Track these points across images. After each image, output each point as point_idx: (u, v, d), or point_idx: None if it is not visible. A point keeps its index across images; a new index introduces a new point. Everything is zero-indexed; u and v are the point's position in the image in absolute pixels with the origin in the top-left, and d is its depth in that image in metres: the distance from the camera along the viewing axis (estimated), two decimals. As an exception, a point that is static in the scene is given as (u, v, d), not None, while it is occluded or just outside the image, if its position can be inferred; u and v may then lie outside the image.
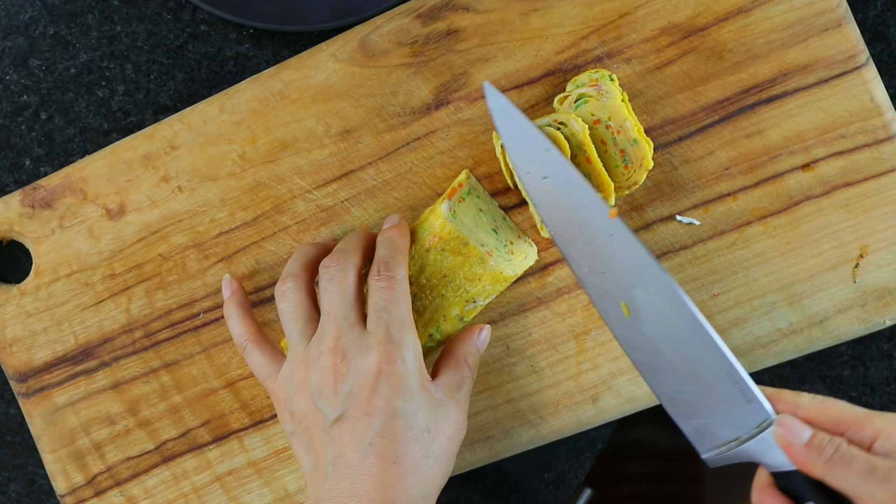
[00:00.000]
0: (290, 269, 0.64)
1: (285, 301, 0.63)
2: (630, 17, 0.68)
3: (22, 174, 0.77)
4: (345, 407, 0.59)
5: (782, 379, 0.74)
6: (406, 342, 0.60)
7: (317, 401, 0.60)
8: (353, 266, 0.62)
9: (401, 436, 0.59)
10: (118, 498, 0.73)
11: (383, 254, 0.63)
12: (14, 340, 0.73)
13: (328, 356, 0.60)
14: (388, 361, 0.59)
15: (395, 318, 0.61)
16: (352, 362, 0.59)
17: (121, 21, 0.77)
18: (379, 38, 0.70)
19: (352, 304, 0.61)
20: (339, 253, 0.63)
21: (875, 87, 0.67)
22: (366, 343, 0.60)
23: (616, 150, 0.67)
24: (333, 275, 0.62)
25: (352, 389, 0.59)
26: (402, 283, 0.62)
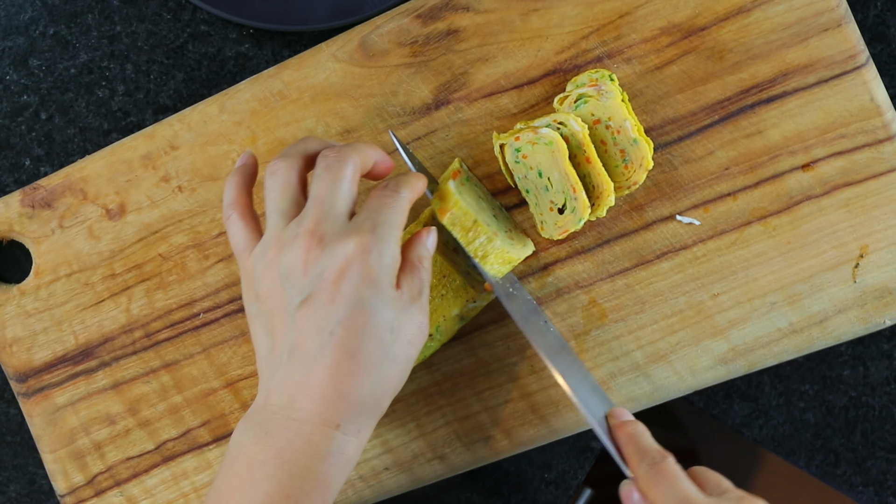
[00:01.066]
0: (287, 152, 0.62)
1: (273, 179, 0.60)
2: (630, 17, 0.68)
3: (22, 174, 0.77)
4: (311, 289, 0.57)
5: (782, 379, 0.75)
6: (387, 240, 0.58)
7: (284, 282, 0.58)
8: (353, 163, 0.60)
9: (362, 329, 0.57)
10: (118, 498, 0.73)
11: (398, 177, 0.61)
12: (14, 340, 0.73)
13: (304, 237, 0.57)
14: (364, 251, 0.57)
15: (384, 218, 0.58)
16: (327, 247, 0.57)
17: (121, 21, 0.77)
18: (379, 38, 0.70)
19: (342, 196, 0.59)
20: (343, 148, 0.60)
21: (875, 87, 0.67)
22: (346, 231, 0.58)
23: (616, 150, 0.67)
24: (331, 164, 0.59)
25: (322, 272, 0.57)
26: (404, 201, 0.60)
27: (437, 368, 0.70)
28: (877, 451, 0.74)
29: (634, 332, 0.69)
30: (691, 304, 0.69)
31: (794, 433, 0.75)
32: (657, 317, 0.69)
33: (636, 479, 0.60)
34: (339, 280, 0.57)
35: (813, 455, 0.75)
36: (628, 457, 0.61)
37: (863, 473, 0.74)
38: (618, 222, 0.69)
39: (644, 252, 0.69)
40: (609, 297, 0.69)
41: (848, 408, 0.75)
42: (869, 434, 0.74)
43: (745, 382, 0.75)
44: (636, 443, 0.61)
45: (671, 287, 0.69)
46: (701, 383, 0.69)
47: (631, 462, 0.61)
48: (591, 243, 0.69)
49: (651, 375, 0.69)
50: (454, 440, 0.71)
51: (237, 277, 0.72)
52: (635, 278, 0.69)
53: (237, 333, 0.72)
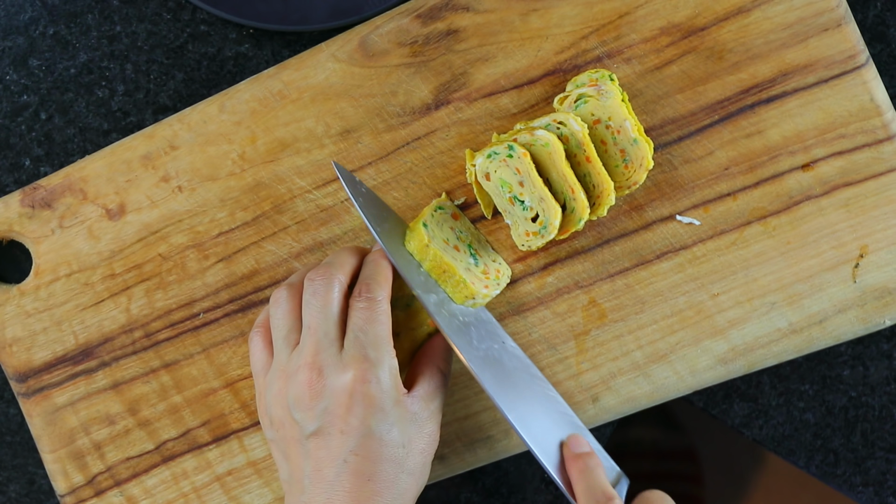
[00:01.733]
0: (292, 279, 0.66)
1: (276, 308, 0.64)
2: (630, 17, 0.68)
3: (22, 174, 0.77)
4: (320, 423, 0.60)
5: (782, 379, 0.75)
6: (382, 361, 0.61)
7: (293, 413, 0.61)
8: (338, 282, 0.63)
9: (375, 454, 0.60)
10: (118, 498, 0.73)
11: (367, 274, 0.64)
12: (14, 340, 0.73)
13: (305, 371, 0.61)
14: (362, 381, 0.60)
15: (371, 337, 0.61)
16: (327, 380, 0.61)
17: (121, 21, 0.77)
18: (379, 38, 0.70)
19: (333, 320, 0.62)
20: (325, 267, 0.64)
21: (875, 87, 0.67)
22: (342, 361, 0.61)
23: (616, 150, 0.67)
24: (317, 289, 0.63)
25: (327, 407, 0.60)
26: (382, 305, 0.63)
27: (437, 368, 0.70)
28: (877, 451, 0.74)
29: (634, 332, 0.69)
30: (691, 304, 0.69)
31: (794, 433, 0.75)
32: (657, 317, 0.69)
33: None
34: (346, 415, 0.60)
35: (813, 455, 0.75)
36: (578, 493, 0.63)
37: (863, 473, 0.74)
38: (618, 222, 0.69)
39: (644, 252, 0.69)
40: (609, 297, 0.69)
41: (848, 408, 0.75)
42: (869, 434, 0.74)
43: (745, 382, 0.75)
44: (586, 480, 0.63)
45: (671, 287, 0.69)
46: (701, 383, 0.69)
47: (579, 500, 0.62)
48: (591, 243, 0.69)
49: (651, 375, 0.69)
50: (454, 440, 0.71)
51: (237, 277, 0.72)
52: (635, 278, 0.69)
53: (237, 333, 0.72)
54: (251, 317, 0.72)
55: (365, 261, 0.65)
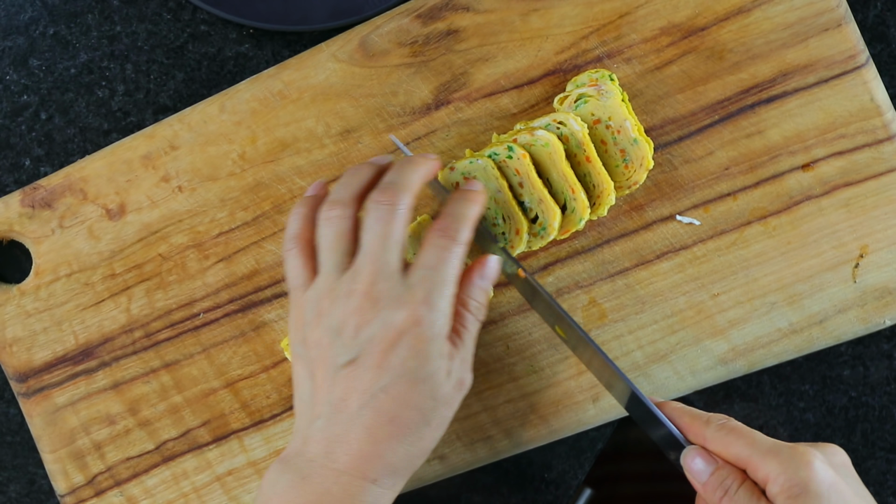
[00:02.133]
0: (341, 194, 0.61)
1: (329, 228, 0.61)
2: (630, 17, 0.68)
3: (22, 174, 0.77)
4: (359, 352, 0.58)
5: (782, 379, 0.75)
6: (442, 307, 0.58)
7: (333, 337, 0.59)
8: (405, 207, 0.60)
9: (405, 397, 0.58)
10: (118, 498, 0.73)
11: (456, 211, 0.61)
12: (14, 340, 0.73)
13: (358, 298, 0.58)
14: (416, 323, 0.58)
15: (440, 280, 0.59)
16: (381, 312, 0.58)
17: (121, 21, 0.77)
18: (379, 38, 0.70)
19: (395, 249, 0.59)
20: (391, 189, 0.60)
21: (875, 87, 0.67)
22: (401, 297, 0.58)
23: (616, 150, 0.67)
24: (381, 214, 0.59)
25: (372, 337, 0.58)
26: (462, 249, 0.60)
27: (437, 368, 0.70)
28: (877, 451, 0.74)
29: (634, 332, 0.69)
30: (691, 304, 0.69)
31: (794, 433, 0.75)
32: (657, 317, 0.69)
33: (707, 441, 0.60)
34: (389, 350, 0.58)
35: (813, 455, 0.75)
36: (687, 426, 0.61)
37: (863, 473, 0.74)
38: (618, 222, 0.69)
39: (644, 252, 0.69)
40: (609, 297, 0.69)
41: (848, 408, 0.75)
42: (869, 434, 0.74)
43: (745, 382, 0.75)
44: (690, 413, 0.61)
45: (671, 287, 0.69)
46: (701, 383, 0.70)
47: (693, 429, 0.61)
48: (591, 243, 0.69)
49: (651, 375, 0.69)
50: (454, 440, 0.71)
51: (237, 277, 0.72)
52: (635, 278, 0.69)
53: (237, 333, 0.72)
54: (251, 317, 0.72)
55: (454, 196, 0.62)
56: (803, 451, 0.57)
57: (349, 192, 0.62)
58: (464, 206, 0.61)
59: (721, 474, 0.59)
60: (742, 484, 0.58)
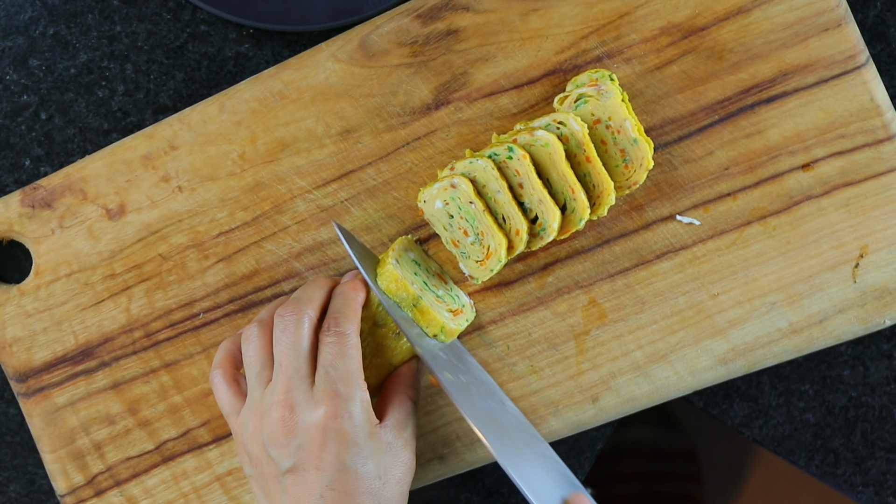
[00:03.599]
0: (261, 315, 0.66)
1: (248, 345, 0.65)
2: (630, 17, 0.68)
3: (22, 174, 0.77)
4: (296, 460, 0.61)
5: (782, 379, 0.75)
6: (353, 395, 0.62)
7: (269, 450, 0.62)
8: (307, 317, 0.64)
9: (351, 487, 0.61)
10: (118, 498, 0.73)
11: (335, 308, 0.65)
12: (14, 340, 0.73)
13: (278, 409, 0.62)
14: (334, 417, 0.61)
15: (341, 372, 0.62)
16: (300, 417, 0.61)
17: (121, 21, 0.77)
18: (379, 38, 0.70)
19: (303, 356, 0.63)
20: (294, 303, 0.65)
21: (875, 87, 0.67)
22: (313, 398, 0.62)
23: (616, 150, 0.67)
24: (287, 325, 0.64)
25: (301, 444, 0.61)
26: (352, 339, 0.63)
27: (437, 368, 0.70)
28: (877, 451, 0.74)
29: (634, 332, 0.69)
30: (691, 304, 0.69)
31: (794, 433, 0.75)
32: (657, 317, 0.69)
33: None
34: (320, 450, 0.61)
35: (813, 455, 0.75)
36: None
37: (863, 473, 0.74)
38: (618, 222, 0.69)
39: (644, 252, 0.69)
40: (609, 297, 0.69)
41: (848, 408, 0.75)
42: (869, 434, 0.74)
43: (745, 382, 0.75)
44: None
45: (671, 287, 0.69)
46: (701, 383, 0.70)
47: None
48: (591, 243, 0.69)
49: (651, 375, 0.69)
50: (454, 440, 0.71)
51: (237, 277, 0.72)
52: (635, 278, 0.69)
53: (237, 333, 0.72)
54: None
55: (334, 294, 0.66)
56: None
57: (267, 314, 0.67)
58: (343, 301, 0.65)
59: None
60: None
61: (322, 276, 0.70)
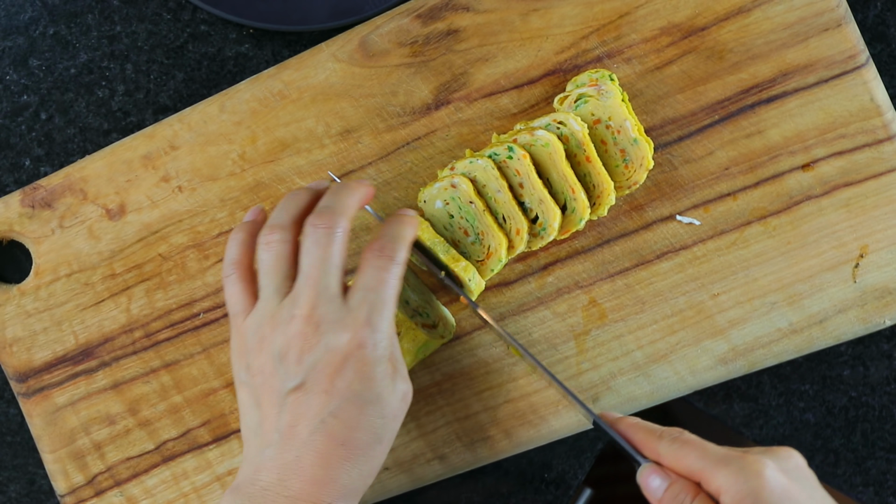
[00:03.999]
0: (280, 219, 0.61)
1: (268, 252, 0.61)
2: (630, 17, 0.68)
3: (22, 174, 0.77)
4: (305, 377, 0.58)
5: (782, 379, 0.75)
6: (383, 328, 0.59)
7: (277, 363, 0.59)
8: (342, 231, 0.60)
9: (354, 420, 0.58)
10: (118, 498, 0.73)
11: (391, 233, 0.61)
12: (14, 340, 0.73)
13: (299, 323, 0.58)
14: (359, 346, 0.58)
15: (380, 301, 0.59)
16: (323, 336, 0.58)
17: (121, 21, 0.77)
18: (379, 38, 0.70)
19: (335, 272, 0.59)
20: (328, 213, 0.60)
21: (875, 87, 0.67)
22: (342, 320, 0.58)
23: (616, 150, 0.67)
24: (319, 238, 0.59)
25: (317, 363, 0.58)
26: (400, 269, 0.60)
27: (437, 368, 0.70)
28: (877, 451, 0.74)
29: (634, 332, 0.69)
30: (691, 304, 0.69)
31: (794, 433, 0.75)
32: (657, 317, 0.69)
33: (661, 456, 0.59)
34: (334, 374, 0.58)
35: (813, 455, 0.75)
36: (641, 442, 0.60)
37: (863, 473, 0.74)
38: (618, 222, 0.69)
39: (644, 252, 0.69)
40: (609, 297, 0.69)
41: (848, 408, 0.75)
42: (869, 434, 0.74)
43: (745, 382, 0.75)
44: (645, 427, 0.61)
45: (671, 287, 0.69)
46: (701, 383, 0.70)
47: (647, 444, 0.60)
48: (591, 243, 0.69)
49: (651, 375, 0.69)
50: (454, 440, 0.71)
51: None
52: (635, 278, 0.69)
53: (237, 333, 0.72)
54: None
55: (389, 219, 0.62)
56: (754, 460, 0.57)
57: (287, 217, 0.62)
58: (399, 227, 0.62)
59: (674, 489, 0.58)
60: (696, 498, 0.57)
61: (354, 180, 0.65)
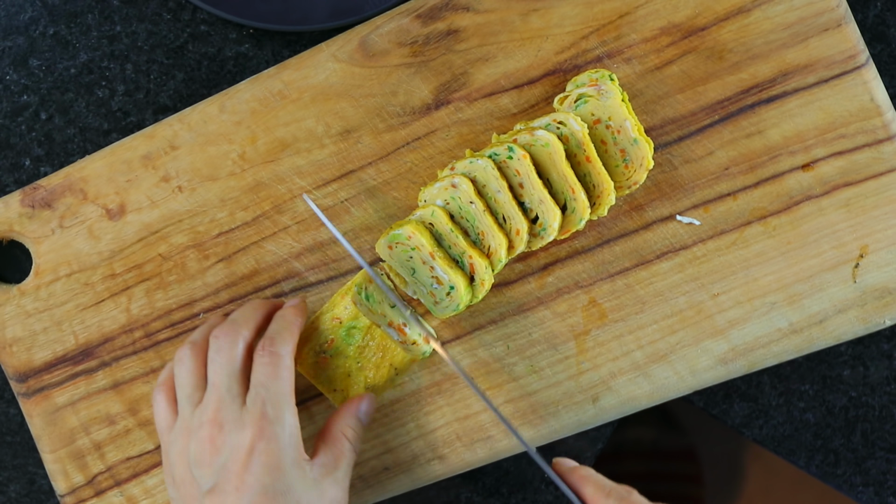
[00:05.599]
0: (194, 336, 0.66)
1: (180, 367, 0.65)
2: (630, 17, 0.68)
3: (22, 174, 0.77)
4: (217, 479, 0.60)
5: (782, 379, 0.75)
6: (282, 419, 0.61)
7: (193, 470, 0.62)
8: (242, 338, 0.64)
9: None
10: (118, 498, 0.73)
11: (273, 329, 0.65)
12: (14, 340, 0.73)
13: (207, 427, 0.62)
14: (261, 438, 0.60)
15: (272, 394, 0.62)
16: (228, 436, 0.61)
17: (121, 21, 0.77)
18: (379, 38, 0.70)
19: (236, 376, 0.63)
20: (230, 324, 0.65)
21: (875, 87, 0.67)
22: (241, 418, 0.61)
23: (616, 150, 0.67)
24: (221, 346, 0.64)
25: (225, 463, 0.60)
26: (286, 360, 0.63)
27: (437, 368, 0.70)
28: (877, 451, 0.75)
29: (634, 332, 0.69)
30: (691, 304, 0.69)
31: (794, 433, 0.75)
32: (657, 317, 0.69)
33: None
34: (242, 471, 0.60)
35: (813, 455, 0.75)
36: (590, 496, 0.61)
37: (863, 473, 0.74)
38: (618, 222, 0.69)
39: (644, 252, 0.69)
40: (609, 297, 0.69)
41: (848, 408, 0.75)
42: (869, 434, 0.74)
43: (745, 382, 0.75)
44: (595, 482, 0.62)
45: (671, 287, 0.69)
46: (701, 383, 0.70)
47: (595, 499, 0.61)
48: (591, 243, 0.69)
49: (651, 375, 0.69)
50: (454, 440, 0.71)
51: (237, 277, 0.72)
52: (635, 278, 0.69)
53: (237, 333, 0.72)
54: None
55: (275, 316, 0.66)
56: None
57: (201, 335, 0.66)
58: (281, 323, 0.65)
59: None
60: None
61: (260, 299, 0.70)
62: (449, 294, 0.67)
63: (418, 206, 0.68)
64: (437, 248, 0.66)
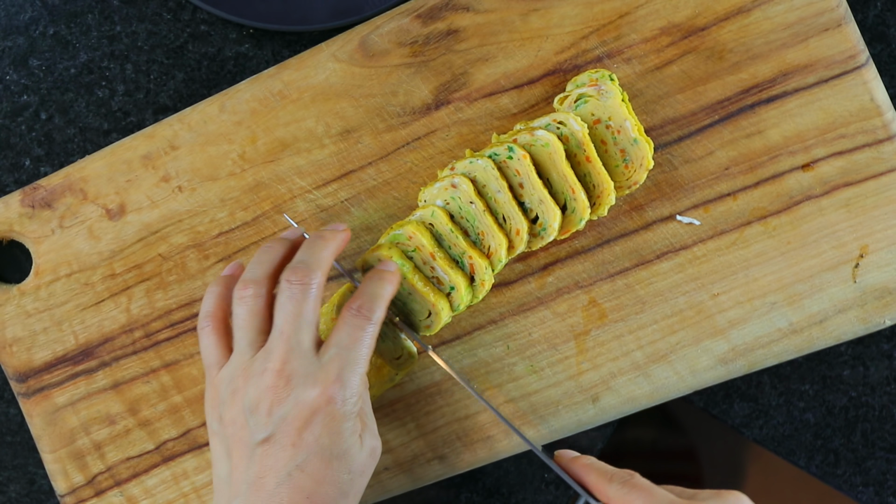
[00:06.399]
0: (254, 273, 0.63)
1: (242, 307, 0.62)
2: (630, 17, 0.68)
3: (22, 174, 0.77)
4: (274, 430, 0.59)
5: (782, 379, 0.75)
6: (353, 385, 0.60)
7: (248, 416, 0.60)
8: (316, 286, 0.61)
9: (321, 474, 0.59)
10: (118, 498, 0.73)
11: (371, 291, 0.62)
12: (14, 340, 0.73)
13: (271, 376, 0.59)
14: (329, 401, 0.59)
15: (352, 359, 0.60)
16: (294, 390, 0.59)
17: (121, 21, 0.77)
18: (379, 38, 0.70)
19: (308, 328, 0.60)
20: (303, 268, 0.61)
21: (875, 87, 0.67)
22: (313, 375, 0.59)
23: (616, 150, 0.67)
24: (294, 293, 0.61)
25: (286, 416, 0.59)
26: (375, 328, 0.61)
27: (437, 368, 0.70)
28: (877, 451, 0.75)
29: (634, 332, 0.69)
30: (691, 304, 0.69)
31: (794, 433, 0.75)
32: (657, 317, 0.69)
33: (610, 499, 0.60)
34: (303, 428, 0.59)
35: (813, 455, 0.75)
36: (593, 483, 0.61)
37: (863, 473, 0.74)
38: (618, 222, 0.69)
39: (644, 252, 0.69)
40: (609, 297, 0.69)
41: (848, 408, 0.75)
42: (869, 434, 0.74)
43: (745, 382, 0.75)
44: (598, 469, 0.61)
45: (671, 287, 0.69)
46: (701, 383, 0.70)
47: (598, 486, 0.60)
48: (591, 243, 0.69)
49: (651, 375, 0.69)
50: (454, 440, 0.71)
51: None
52: (635, 278, 0.69)
53: (237, 333, 0.72)
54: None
55: (369, 275, 0.64)
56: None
57: (262, 271, 0.63)
58: (378, 285, 0.63)
59: None
60: None
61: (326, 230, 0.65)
62: (449, 294, 0.67)
63: (418, 206, 0.68)
64: (437, 248, 0.66)
